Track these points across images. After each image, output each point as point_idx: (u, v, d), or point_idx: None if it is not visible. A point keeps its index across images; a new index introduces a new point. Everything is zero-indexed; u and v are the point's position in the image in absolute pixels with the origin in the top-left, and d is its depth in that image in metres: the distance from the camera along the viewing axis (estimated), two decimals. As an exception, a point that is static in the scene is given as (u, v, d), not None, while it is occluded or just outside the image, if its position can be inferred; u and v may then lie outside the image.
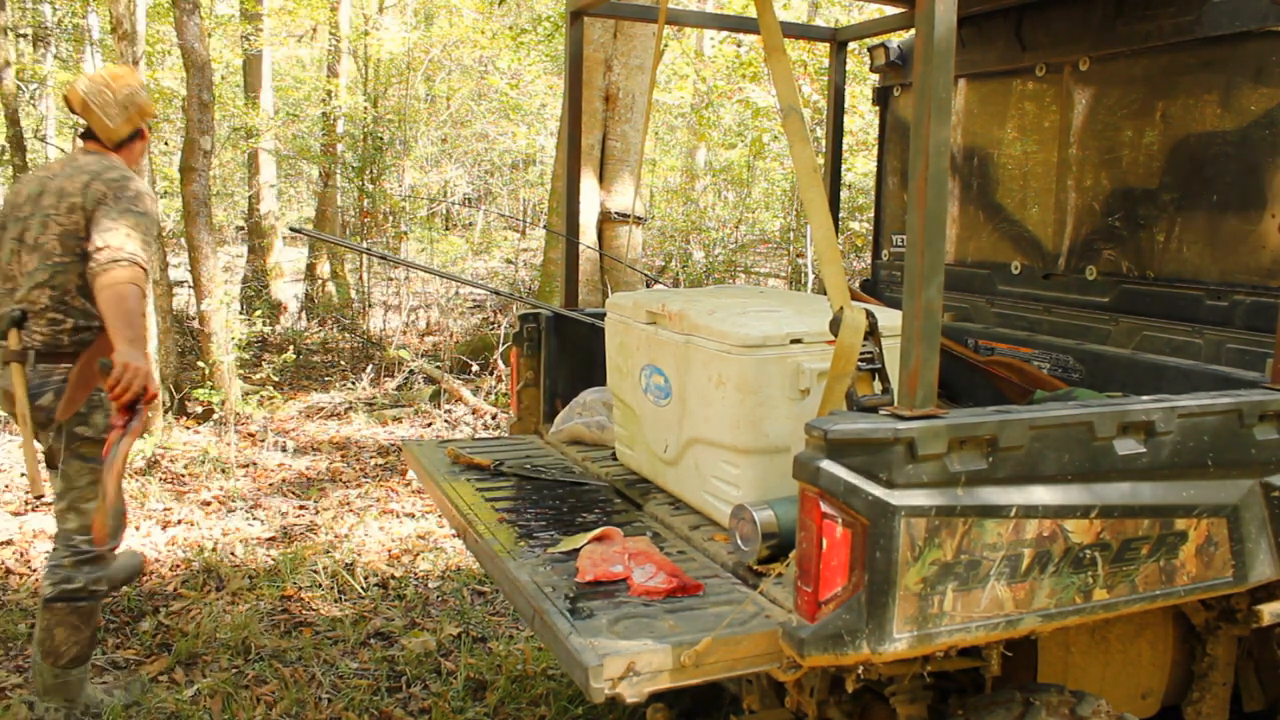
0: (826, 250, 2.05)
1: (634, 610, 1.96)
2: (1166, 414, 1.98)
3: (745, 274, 11.36)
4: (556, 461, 3.15)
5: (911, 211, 1.80)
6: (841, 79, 4.03)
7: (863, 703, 2.32)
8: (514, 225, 14.30)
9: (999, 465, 1.82)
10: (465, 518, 2.59)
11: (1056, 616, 1.91)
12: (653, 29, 6.88)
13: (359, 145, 10.77)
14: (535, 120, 13.99)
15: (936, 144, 1.76)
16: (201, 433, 6.60)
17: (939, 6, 1.72)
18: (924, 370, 1.80)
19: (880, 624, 1.74)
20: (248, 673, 3.53)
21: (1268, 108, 2.58)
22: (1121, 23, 2.90)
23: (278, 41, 13.05)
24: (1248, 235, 2.65)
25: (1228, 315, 2.70)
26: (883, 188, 4.01)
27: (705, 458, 2.50)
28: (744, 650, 1.83)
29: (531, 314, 3.50)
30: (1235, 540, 2.07)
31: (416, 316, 10.52)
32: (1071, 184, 3.14)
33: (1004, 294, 3.42)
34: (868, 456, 1.73)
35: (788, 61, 2.19)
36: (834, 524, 1.74)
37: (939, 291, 1.80)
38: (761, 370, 2.30)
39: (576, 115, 3.64)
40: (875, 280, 4.02)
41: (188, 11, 6.79)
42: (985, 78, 3.44)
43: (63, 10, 12.17)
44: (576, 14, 3.51)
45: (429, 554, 4.74)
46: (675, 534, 2.49)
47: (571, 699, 3.35)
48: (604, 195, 7.45)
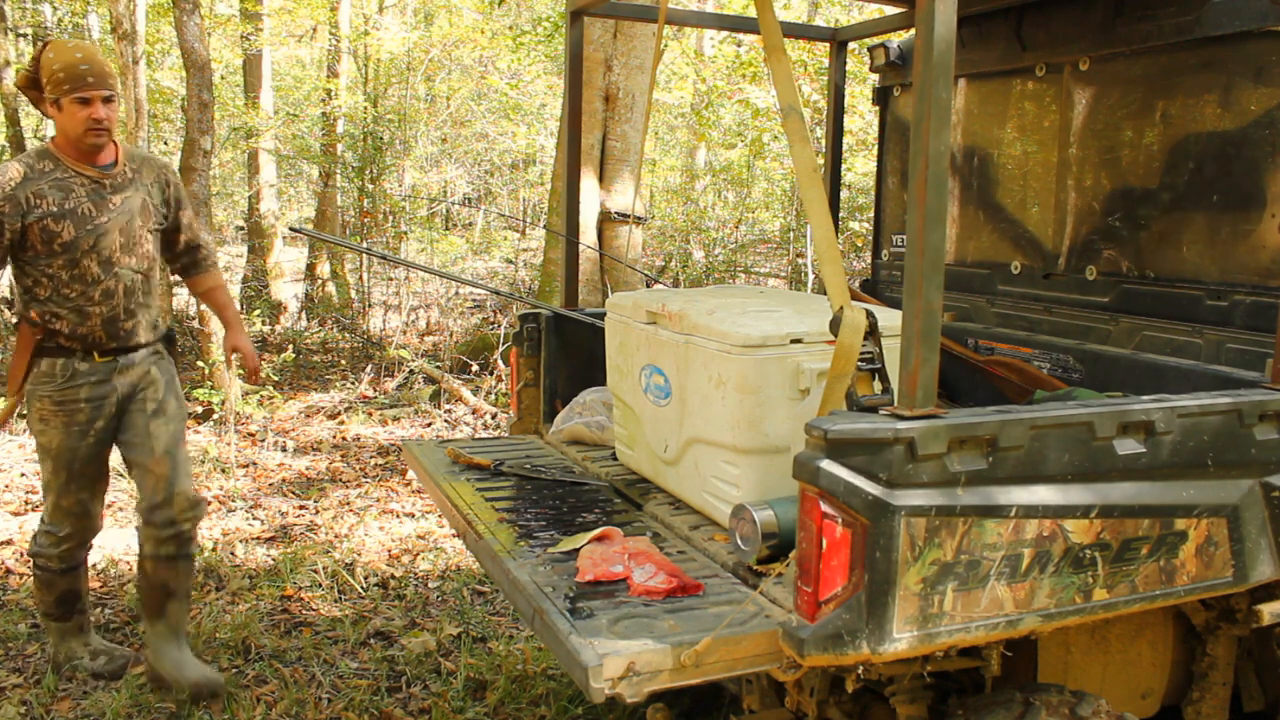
0: (826, 250, 2.05)
1: (634, 610, 1.96)
2: (1166, 414, 1.98)
3: (745, 274, 11.36)
4: (556, 461, 3.15)
5: (911, 211, 1.80)
6: (841, 79, 4.03)
7: (863, 703, 2.32)
8: (514, 225, 14.30)
9: (999, 465, 1.82)
10: (465, 518, 2.59)
11: (1056, 616, 1.91)
12: (653, 29, 6.88)
13: (359, 145, 10.77)
14: (535, 120, 13.99)
15: (936, 144, 1.76)
16: (202, 432, 6.60)
17: (939, 6, 1.72)
18: (924, 370, 1.80)
19: (880, 624, 1.74)
20: (248, 672, 3.53)
21: (1268, 108, 2.58)
22: (1121, 23, 2.90)
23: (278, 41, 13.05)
24: (1248, 235, 2.65)
25: (1228, 315, 2.70)
26: (883, 188, 4.01)
27: (705, 458, 2.50)
28: (744, 650, 1.83)
29: (531, 314, 3.50)
30: (1235, 540, 2.07)
31: (416, 316, 10.52)
32: (1071, 184, 3.14)
33: (1004, 294, 3.42)
34: (868, 456, 1.73)
35: (788, 61, 2.19)
36: (834, 524, 1.74)
37: (939, 291, 1.80)
38: (761, 370, 2.30)
39: (576, 115, 3.64)
40: (875, 280, 4.03)
41: (188, 11, 6.79)
42: (985, 78, 3.44)
43: (63, 10, 12.17)
44: (576, 14, 3.51)
45: (429, 554, 4.74)
46: (675, 534, 2.49)
47: (571, 699, 3.35)
48: (604, 195, 7.45)
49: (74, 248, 3.01)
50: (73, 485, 3.20)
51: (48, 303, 3.06)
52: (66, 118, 2.95)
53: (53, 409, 3.12)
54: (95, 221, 3.04)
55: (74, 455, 3.17)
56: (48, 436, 3.15)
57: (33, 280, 3.05)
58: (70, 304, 3.06)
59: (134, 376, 3.21)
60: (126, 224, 3.11)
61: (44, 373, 3.11)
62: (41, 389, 3.11)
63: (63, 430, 3.14)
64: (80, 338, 3.10)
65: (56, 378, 3.11)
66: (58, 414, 3.12)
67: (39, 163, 3.02)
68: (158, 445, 3.21)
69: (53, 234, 2.98)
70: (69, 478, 3.19)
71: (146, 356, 3.25)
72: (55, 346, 3.10)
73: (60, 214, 2.99)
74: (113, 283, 3.09)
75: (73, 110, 2.94)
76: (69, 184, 3.02)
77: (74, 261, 3.02)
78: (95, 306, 3.08)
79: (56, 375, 3.11)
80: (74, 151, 3.04)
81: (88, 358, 3.12)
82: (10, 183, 2.95)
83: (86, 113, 2.94)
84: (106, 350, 3.14)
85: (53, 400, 3.11)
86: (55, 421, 3.13)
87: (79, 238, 3.02)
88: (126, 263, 3.12)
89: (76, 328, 3.08)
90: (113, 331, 3.13)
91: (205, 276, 3.52)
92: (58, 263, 3.01)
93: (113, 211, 3.08)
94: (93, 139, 2.99)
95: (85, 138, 2.98)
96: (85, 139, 2.98)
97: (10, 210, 2.94)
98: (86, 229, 3.03)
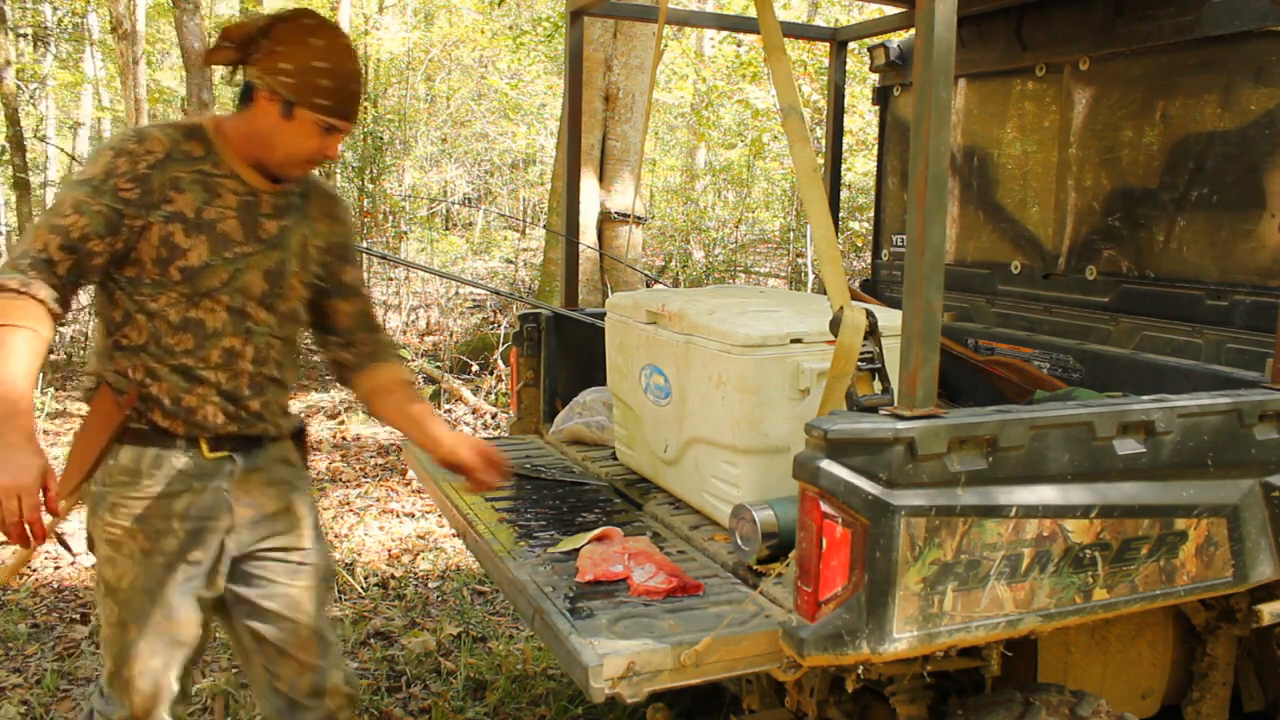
0: (826, 250, 2.05)
1: (634, 610, 1.96)
2: (1166, 414, 1.98)
3: (745, 274, 11.37)
4: (556, 461, 3.15)
5: (911, 211, 1.80)
6: (841, 79, 4.04)
7: (863, 703, 2.32)
8: (514, 225, 14.30)
9: (999, 465, 1.82)
10: (465, 518, 2.59)
11: (1056, 616, 1.91)
12: (653, 29, 6.88)
13: (359, 145, 10.78)
14: (535, 120, 14.00)
15: (936, 144, 1.76)
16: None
17: (939, 6, 1.72)
18: (924, 370, 1.80)
19: (880, 624, 1.74)
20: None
21: (1268, 108, 2.58)
22: (1121, 23, 2.90)
23: (278, 41, 13.04)
24: (1248, 235, 2.65)
25: (1228, 315, 2.70)
26: (883, 188, 4.01)
27: (705, 457, 2.50)
28: (744, 650, 1.83)
29: (531, 314, 3.50)
30: (1235, 540, 2.07)
31: (416, 316, 10.53)
32: (1071, 184, 3.14)
33: (1004, 294, 3.42)
34: (868, 456, 1.73)
35: (788, 61, 2.19)
36: (834, 524, 1.74)
37: (939, 291, 1.80)
38: (761, 370, 2.30)
39: (576, 115, 3.64)
40: (875, 280, 4.03)
41: (188, 11, 6.79)
42: (985, 78, 3.44)
43: (63, 10, 12.17)
44: (576, 14, 3.51)
45: (429, 554, 4.74)
46: (675, 534, 2.49)
47: (571, 699, 3.35)
48: (604, 195, 7.45)
49: (200, 279, 2.00)
50: (143, 647, 2.07)
51: (139, 354, 2.02)
52: (293, 131, 2.01)
53: (129, 526, 2.03)
54: (238, 249, 2.04)
55: (151, 603, 2.06)
56: (116, 569, 2.06)
57: (123, 316, 2.02)
58: (174, 361, 2.02)
59: (258, 493, 2.16)
60: (277, 265, 2.10)
61: (122, 468, 2.03)
62: (115, 493, 2.04)
63: (140, 562, 2.05)
64: (184, 415, 2.04)
65: (141, 477, 2.03)
66: (136, 535, 2.04)
67: (186, 141, 2.03)
68: (302, 617, 2.20)
69: (177, 250, 1.98)
70: (139, 634, 2.07)
71: (276, 461, 2.20)
72: (145, 428, 2.04)
73: (196, 224, 1.99)
74: (239, 341, 2.07)
75: (309, 130, 2.01)
76: (217, 185, 2.03)
77: (193, 299, 2.01)
78: (211, 371, 2.04)
79: (142, 473, 2.03)
80: (245, 148, 2.06)
81: (192, 448, 2.06)
82: (149, 156, 1.97)
83: (322, 143, 2.03)
84: (220, 439, 2.09)
85: (131, 513, 2.03)
86: (130, 547, 2.04)
87: (211, 266, 2.01)
88: (264, 319, 2.10)
89: (180, 398, 2.03)
90: (233, 411, 2.08)
91: (384, 368, 2.31)
92: (168, 296, 1.99)
93: (264, 242, 2.08)
94: (300, 172, 2.11)
95: (296, 167, 2.07)
96: (294, 168, 2.08)
97: (137, 197, 1.94)
98: (225, 256, 2.02)
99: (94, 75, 12.34)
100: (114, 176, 1.93)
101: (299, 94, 1.98)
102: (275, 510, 2.18)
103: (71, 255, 1.91)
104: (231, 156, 2.06)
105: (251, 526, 2.15)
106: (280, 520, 2.19)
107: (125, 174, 1.94)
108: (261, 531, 2.17)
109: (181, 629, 2.10)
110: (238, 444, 2.12)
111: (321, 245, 2.21)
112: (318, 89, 1.98)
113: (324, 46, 1.99)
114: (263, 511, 2.17)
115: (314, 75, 1.97)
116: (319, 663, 2.23)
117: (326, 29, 2.02)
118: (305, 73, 1.97)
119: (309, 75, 1.97)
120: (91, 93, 13.05)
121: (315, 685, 2.23)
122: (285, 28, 1.98)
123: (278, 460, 2.21)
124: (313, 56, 1.97)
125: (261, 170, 2.09)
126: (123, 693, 2.11)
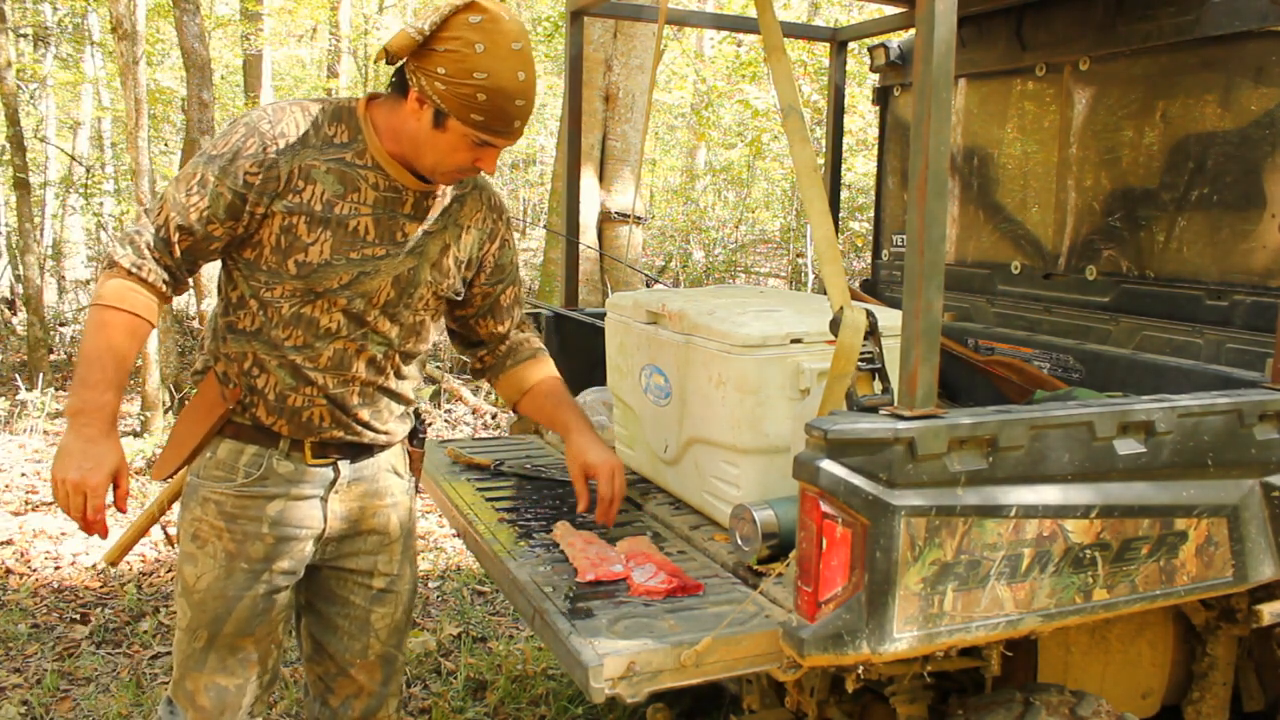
0: (826, 250, 2.05)
1: (634, 610, 1.96)
2: (1167, 414, 1.98)
3: (745, 274, 11.37)
4: (556, 461, 3.15)
5: (911, 211, 1.80)
6: (841, 79, 4.03)
7: (863, 703, 2.32)
8: (514, 225, 14.30)
9: (999, 465, 1.83)
10: (465, 518, 2.59)
11: (1057, 616, 1.91)
12: (653, 29, 6.88)
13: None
14: (535, 120, 14.00)
15: (936, 144, 1.76)
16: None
17: (939, 6, 1.72)
18: (924, 370, 1.80)
19: (880, 624, 1.74)
20: (248, 673, 3.53)
21: (1268, 108, 2.58)
22: (1121, 23, 2.90)
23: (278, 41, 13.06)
24: (1248, 235, 2.65)
25: (1228, 315, 2.70)
26: (883, 188, 4.01)
27: (705, 458, 2.50)
28: (744, 650, 1.83)
29: (531, 314, 3.50)
30: (1235, 540, 2.07)
31: (416, 316, 10.51)
32: (1071, 184, 3.14)
33: (1004, 294, 3.42)
34: (868, 456, 1.73)
35: (788, 61, 2.18)
36: (834, 524, 1.74)
37: (939, 291, 1.80)
38: (761, 370, 2.30)
39: (576, 115, 3.64)
40: (875, 280, 4.03)
41: (188, 11, 6.79)
42: (985, 78, 3.44)
43: (63, 10, 12.17)
44: (576, 14, 3.51)
45: (429, 554, 4.74)
46: (675, 534, 2.49)
47: (571, 699, 3.35)
48: (604, 195, 7.45)
49: (316, 277, 1.87)
50: (212, 660, 1.97)
51: (251, 340, 1.92)
52: (444, 141, 1.83)
53: (218, 523, 1.94)
54: (367, 250, 1.90)
55: (227, 611, 1.95)
56: (197, 567, 1.95)
57: (239, 298, 1.92)
58: (282, 355, 1.91)
59: (356, 506, 2.05)
60: (410, 274, 1.96)
61: (219, 462, 1.95)
62: (208, 487, 1.95)
63: (222, 564, 1.94)
64: (288, 414, 1.93)
65: (238, 474, 1.94)
66: (222, 534, 1.94)
67: (330, 125, 1.89)
68: (374, 643, 2.13)
69: (298, 243, 1.85)
70: (210, 643, 1.96)
71: (383, 471, 2.09)
72: (247, 424, 1.95)
73: (323, 218, 1.86)
74: (354, 346, 1.94)
75: (462, 144, 1.84)
76: (356, 177, 1.88)
77: (307, 296, 1.88)
78: (320, 373, 1.92)
79: (239, 470, 1.94)
80: (393, 143, 1.89)
81: (294, 451, 1.96)
82: (280, 140, 1.83)
83: (476, 157, 1.86)
84: (326, 444, 1.98)
85: (221, 510, 1.94)
86: (215, 546, 1.94)
87: (332, 265, 1.87)
88: (385, 329, 1.96)
89: (286, 395, 1.92)
90: (340, 418, 1.96)
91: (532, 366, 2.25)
92: (283, 288, 1.88)
93: (399, 245, 1.93)
94: (450, 181, 1.96)
95: (445, 176, 1.92)
96: (443, 177, 1.92)
97: (262, 183, 1.82)
98: (350, 256, 1.88)
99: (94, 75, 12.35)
100: (241, 158, 1.81)
101: (452, 104, 1.78)
102: (370, 528, 2.07)
103: (189, 236, 1.82)
104: (378, 147, 1.89)
105: (341, 541, 2.05)
106: (372, 538, 2.08)
107: (252, 156, 1.81)
108: (350, 548, 2.07)
109: (256, 648, 1.98)
110: (344, 451, 2.00)
111: (463, 259, 2.05)
112: (475, 103, 1.77)
113: (488, 51, 1.75)
114: (357, 528, 2.06)
115: (472, 87, 1.76)
116: (379, 689, 2.15)
117: (496, 30, 1.76)
118: (462, 81, 1.75)
119: (466, 86, 1.76)
120: (91, 93, 13.07)
121: (367, 710, 2.15)
122: (453, 21, 1.75)
123: (385, 470, 2.09)
124: (473, 63, 1.75)
125: (410, 167, 1.91)
126: (186, 705, 1.99)
